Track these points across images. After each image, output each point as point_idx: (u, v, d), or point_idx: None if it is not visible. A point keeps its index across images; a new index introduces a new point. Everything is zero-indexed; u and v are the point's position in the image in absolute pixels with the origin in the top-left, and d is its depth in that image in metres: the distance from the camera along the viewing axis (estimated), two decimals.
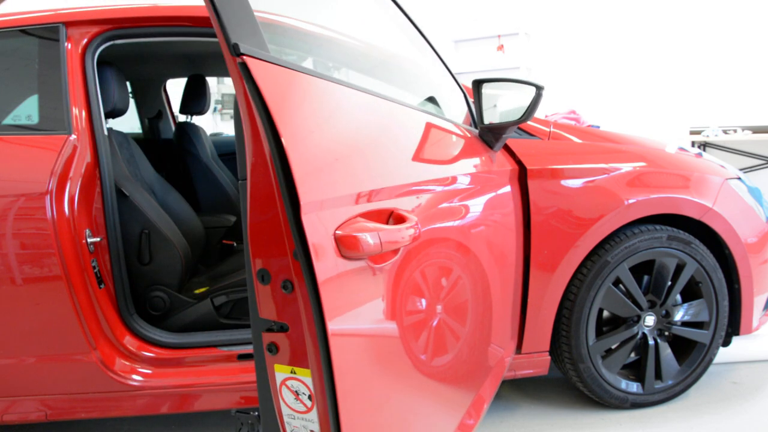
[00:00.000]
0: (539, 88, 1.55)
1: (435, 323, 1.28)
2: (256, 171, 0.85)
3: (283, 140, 0.79)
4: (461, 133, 1.71)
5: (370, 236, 0.88)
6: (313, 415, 0.85)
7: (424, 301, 1.22)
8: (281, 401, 0.87)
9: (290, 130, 0.82)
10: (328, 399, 0.81)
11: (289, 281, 0.85)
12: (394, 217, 1.02)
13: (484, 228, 1.66)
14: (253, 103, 0.80)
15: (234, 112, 0.90)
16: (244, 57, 0.81)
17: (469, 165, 1.62)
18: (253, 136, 0.83)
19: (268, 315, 0.86)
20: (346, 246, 0.84)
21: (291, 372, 0.85)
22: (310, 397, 0.85)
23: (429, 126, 1.48)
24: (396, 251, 1.00)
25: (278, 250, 0.85)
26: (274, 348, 0.86)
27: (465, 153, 1.64)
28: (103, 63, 2.00)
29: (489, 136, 1.80)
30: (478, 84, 1.67)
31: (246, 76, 0.81)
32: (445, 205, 1.37)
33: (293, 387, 0.85)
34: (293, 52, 2.12)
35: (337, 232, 0.85)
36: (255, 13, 0.90)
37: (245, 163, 0.88)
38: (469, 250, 1.52)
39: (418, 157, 1.27)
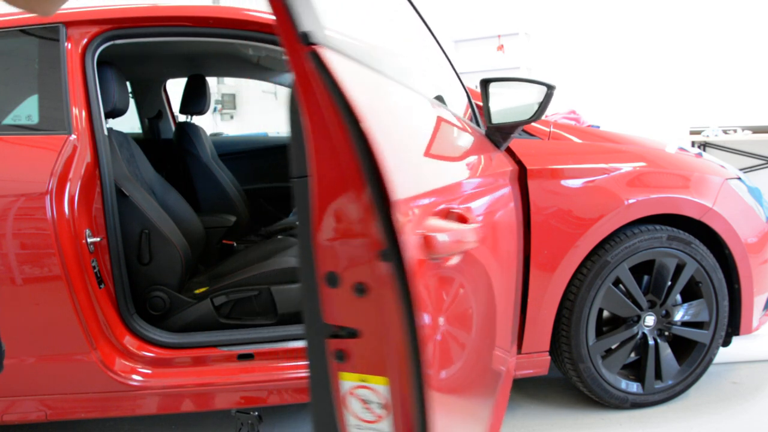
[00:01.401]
0: (550, 88, 1.54)
1: (482, 324, 1.28)
2: (323, 167, 0.78)
3: (370, 135, 0.73)
4: (478, 134, 1.72)
5: (452, 235, 0.86)
6: (385, 424, 0.80)
7: (477, 301, 1.21)
8: (346, 412, 0.82)
9: (374, 125, 0.76)
10: (415, 406, 0.76)
11: (362, 284, 0.78)
12: (455, 217, 1.00)
13: (496, 227, 1.66)
14: (333, 95, 0.74)
15: (290, 107, 0.82)
16: (315, 46, 0.75)
17: (487, 165, 1.62)
18: (320, 131, 0.77)
19: (335, 320, 0.80)
20: (430, 245, 0.80)
21: (361, 380, 0.80)
22: (381, 406, 0.80)
23: (457, 128, 1.48)
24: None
25: (353, 250, 0.78)
26: (342, 355, 0.80)
27: (484, 154, 1.65)
28: (103, 63, 2.00)
29: (497, 135, 1.79)
30: (485, 83, 1.67)
31: (319, 67, 0.75)
32: (475, 204, 1.37)
33: (362, 396, 0.80)
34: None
35: (420, 230, 0.81)
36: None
37: (302, 160, 0.81)
38: (491, 250, 1.52)
39: (454, 157, 1.26)
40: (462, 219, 0.99)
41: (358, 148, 0.74)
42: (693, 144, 5.79)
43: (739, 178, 2.35)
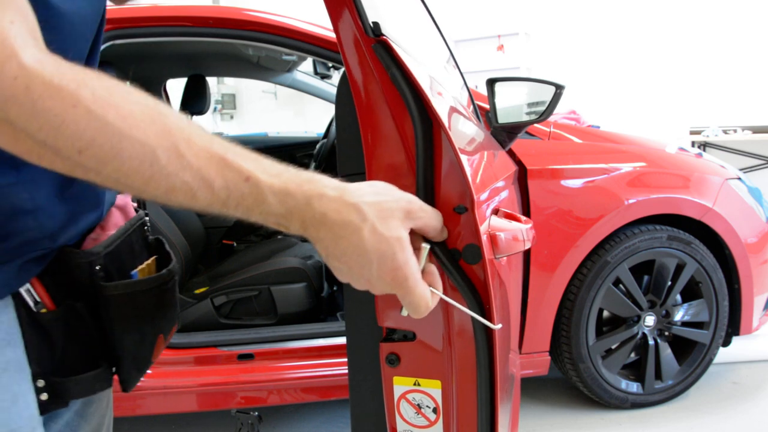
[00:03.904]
0: (559, 88, 1.54)
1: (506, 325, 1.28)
2: (383, 164, 0.74)
3: (448, 133, 0.71)
4: (488, 134, 1.71)
5: (515, 234, 0.85)
6: (437, 428, 0.79)
7: (509, 302, 1.21)
8: (398, 416, 0.80)
9: (447, 124, 0.73)
10: (482, 410, 0.75)
11: None
12: (502, 215, 0.99)
13: None
14: (403, 89, 0.70)
15: (340, 102, 0.80)
16: (384, 38, 0.71)
17: (500, 165, 1.62)
18: (381, 127, 0.73)
19: (391, 323, 0.77)
20: (497, 244, 0.79)
21: (414, 384, 0.78)
22: (434, 410, 0.79)
23: (479, 128, 1.47)
24: None
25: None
26: (395, 359, 0.78)
27: (498, 153, 1.64)
28: (103, 63, 2.00)
29: (502, 135, 1.79)
30: (491, 83, 1.66)
31: (388, 59, 0.70)
32: (502, 203, 1.37)
33: (415, 400, 0.79)
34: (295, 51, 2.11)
35: (489, 230, 0.79)
36: None
37: (355, 157, 0.78)
38: None
39: (483, 157, 1.26)
40: (511, 218, 0.98)
41: (429, 145, 0.71)
42: (693, 144, 5.79)
43: (739, 178, 2.35)
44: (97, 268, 0.62)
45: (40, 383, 0.59)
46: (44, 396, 0.59)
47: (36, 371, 0.58)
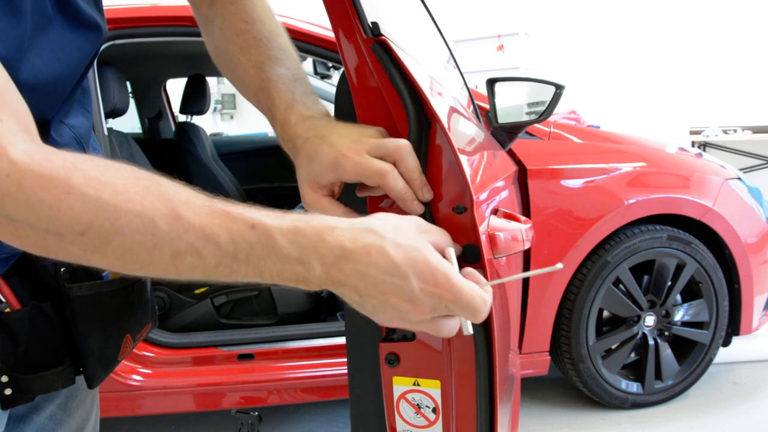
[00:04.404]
0: (559, 87, 1.54)
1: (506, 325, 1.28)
2: None
3: (448, 135, 0.70)
4: (488, 134, 1.71)
5: (515, 234, 0.85)
6: (436, 428, 0.78)
7: (508, 302, 1.20)
8: (398, 416, 0.79)
9: (447, 124, 0.73)
10: (482, 410, 0.75)
11: None
12: (502, 215, 0.99)
13: None
14: (405, 89, 0.69)
15: (339, 103, 0.78)
16: (383, 38, 0.70)
17: (500, 165, 1.62)
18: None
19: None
20: (496, 244, 0.78)
21: (414, 384, 0.78)
22: (434, 410, 0.78)
23: (479, 128, 1.47)
24: None
25: None
26: (394, 359, 0.77)
27: (498, 153, 1.64)
28: (103, 63, 2.00)
29: (503, 135, 1.79)
30: (491, 83, 1.67)
31: (387, 59, 0.70)
32: (502, 203, 1.37)
33: (414, 400, 0.78)
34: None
35: (488, 230, 0.78)
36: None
37: None
38: None
39: (483, 156, 1.26)
40: (510, 218, 0.97)
41: (427, 147, 0.70)
42: (693, 144, 5.79)
43: (739, 178, 2.35)
44: (62, 270, 0.63)
45: (4, 379, 0.60)
46: (8, 391, 0.61)
47: (0, 367, 0.60)
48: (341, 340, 1.99)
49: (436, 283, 0.52)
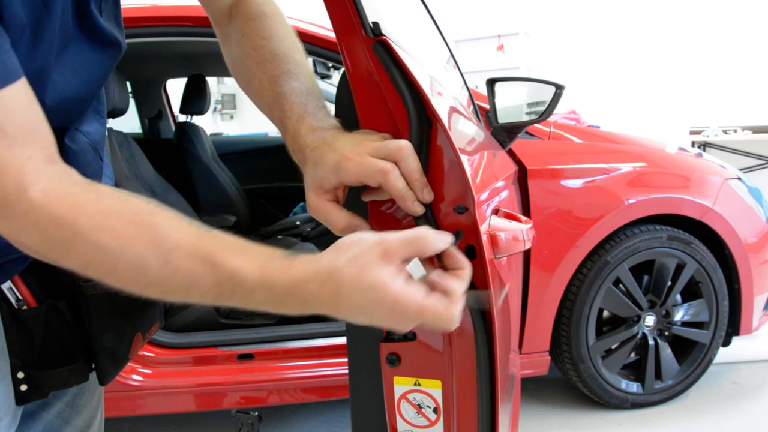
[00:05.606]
0: (559, 87, 1.54)
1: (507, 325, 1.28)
2: None
3: (449, 134, 0.70)
4: (488, 134, 1.71)
5: (515, 234, 0.85)
6: (437, 428, 0.78)
7: (515, 301, 1.19)
8: (399, 416, 0.80)
9: (447, 123, 0.72)
10: (483, 410, 0.75)
11: None
12: (502, 215, 0.99)
13: None
14: (406, 88, 0.69)
15: (339, 103, 0.78)
16: (384, 38, 0.70)
17: (501, 165, 1.62)
18: (379, 129, 0.73)
19: None
20: (497, 244, 0.79)
21: (415, 384, 0.78)
22: (435, 410, 0.78)
23: (479, 128, 1.47)
24: None
25: None
26: (395, 359, 0.77)
27: (498, 153, 1.64)
28: None
29: (503, 135, 1.79)
30: (491, 83, 1.67)
31: (387, 59, 0.69)
32: (503, 204, 1.37)
33: (416, 400, 0.79)
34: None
35: (489, 230, 0.78)
36: None
37: None
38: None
39: (483, 156, 1.25)
40: (511, 218, 0.97)
41: (428, 147, 0.70)
42: (693, 144, 5.79)
43: (739, 178, 2.35)
44: None
45: (20, 375, 0.63)
46: (24, 387, 0.63)
47: (16, 363, 0.62)
48: (341, 340, 1.99)
49: (402, 312, 0.55)
